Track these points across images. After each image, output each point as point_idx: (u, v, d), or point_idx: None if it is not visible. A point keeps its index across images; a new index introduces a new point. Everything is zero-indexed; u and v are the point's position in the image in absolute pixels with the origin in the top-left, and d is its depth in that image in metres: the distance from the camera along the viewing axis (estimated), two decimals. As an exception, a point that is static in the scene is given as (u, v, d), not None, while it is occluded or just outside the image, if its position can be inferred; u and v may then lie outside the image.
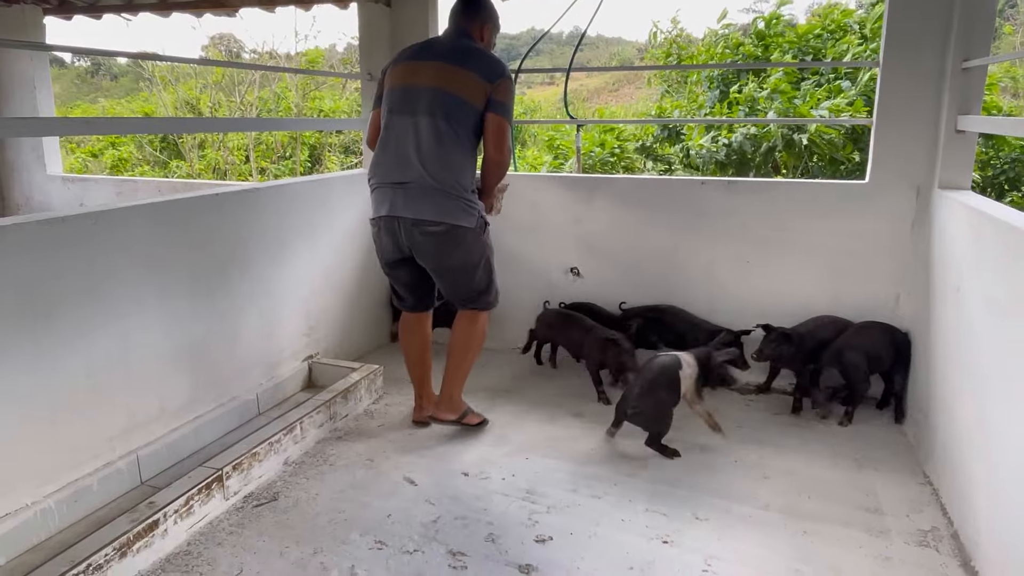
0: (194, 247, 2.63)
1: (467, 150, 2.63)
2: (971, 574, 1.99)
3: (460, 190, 2.60)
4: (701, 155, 7.13)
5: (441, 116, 2.57)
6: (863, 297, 3.14)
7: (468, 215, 2.61)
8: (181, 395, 2.62)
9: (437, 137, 2.57)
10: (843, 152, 6.54)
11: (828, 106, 6.48)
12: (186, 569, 2.01)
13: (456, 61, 2.60)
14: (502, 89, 2.60)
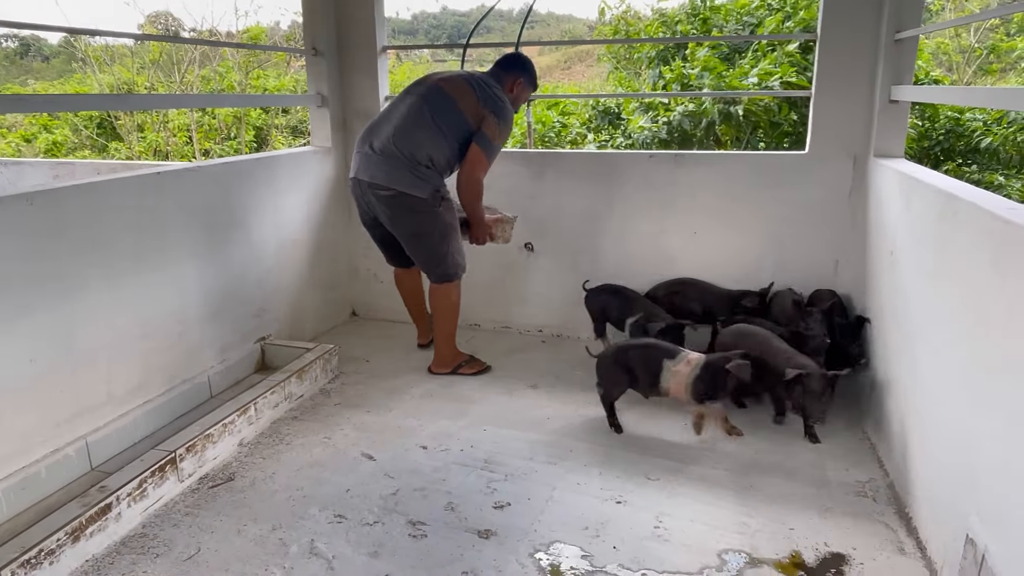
0: (137, 228, 2.57)
1: (439, 138, 2.86)
2: (905, 520, 2.12)
3: (415, 164, 2.83)
4: (642, 136, 7.21)
5: (428, 104, 2.88)
6: (805, 264, 3.25)
7: (419, 186, 2.83)
8: (130, 379, 2.57)
9: (415, 118, 2.86)
10: (781, 115, 6.70)
11: (757, 72, 6.62)
12: (142, 551, 2.00)
13: (468, 81, 2.92)
14: (491, 123, 2.87)
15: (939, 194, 2.07)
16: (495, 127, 2.88)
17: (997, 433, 1.58)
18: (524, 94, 3.12)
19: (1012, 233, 1.56)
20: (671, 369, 2.56)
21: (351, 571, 1.92)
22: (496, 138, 2.91)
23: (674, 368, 2.55)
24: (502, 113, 2.91)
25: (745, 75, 6.78)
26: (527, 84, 3.09)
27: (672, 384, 2.56)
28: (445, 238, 2.97)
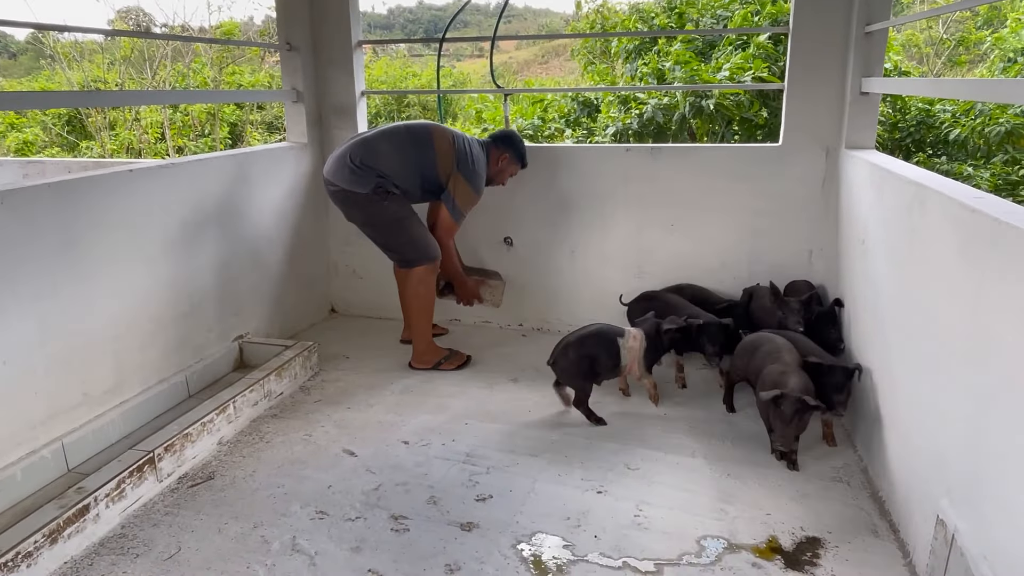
0: (109, 227, 2.53)
1: (402, 161, 3.02)
2: (878, 503, 2.16)
3: (360, 167, 2.96)
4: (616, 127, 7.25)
5: (408, 132, 3.09)
6: (780, 254, 3.30)
7: (358, 183, 2.97)
8: (105, 380, 2.54)
9: (388, 138, 3.05)
10: (751, 111, 6.77)
11: (729, 67, 6.69)
12: (121, 552, 1.98)
13: (455, 138, 3.10)
14: (460, 187, 3.06)
15: (908, 184, 2.12)
16: (464, 191, 3.08)
17: (965, 417, 1.62)
18: (509, 169, 3.28)
19: (979, 221, 1.60)
20: (625, 346, 2.72)
21: (334, 566, 1.92)
22: (464, 204, 3.11)
23: (628, 345, 2.73)
24: (472, 178, 3.09)
25: (718, 70, 6.84)
26: (513, 160, 3.26)
27: (629, 359, 2.74)
28: (399, 227, 3.06)
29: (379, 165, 2.98)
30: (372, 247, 3.42)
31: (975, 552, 1.50)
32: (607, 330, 2.76)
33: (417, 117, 12.98)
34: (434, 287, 3.20)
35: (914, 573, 1.85)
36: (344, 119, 3.76)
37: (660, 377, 3.01)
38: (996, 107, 7.29)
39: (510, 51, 23.99)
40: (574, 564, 1.91)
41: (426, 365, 3.22)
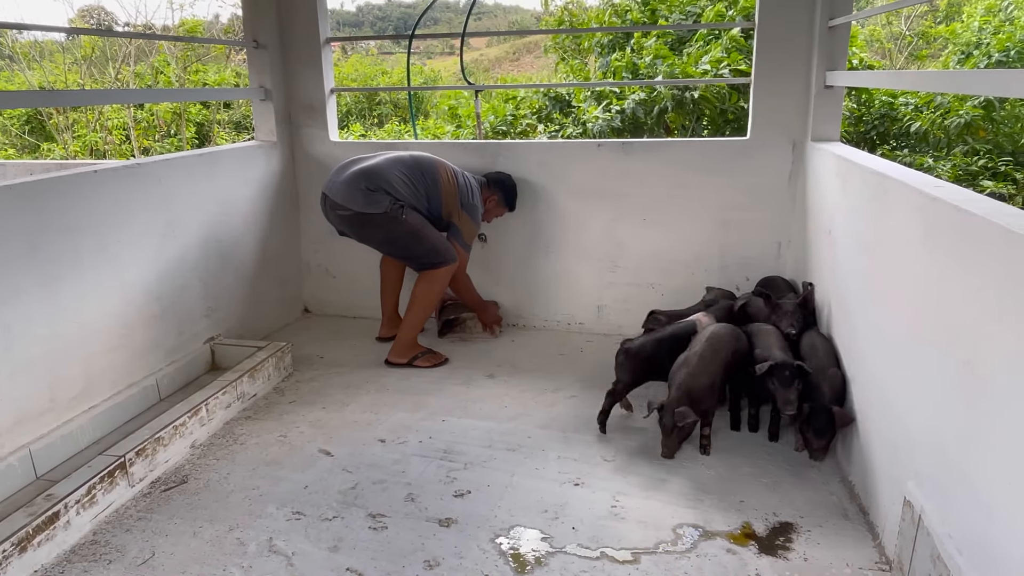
0: (74, 229, 2.48)
1: (412, 189, 3.09)
2: (848, 487, 2.21)
3: (372, 190, 2.99)
4: (597, 125, 7.28)
5: (417, 163, 3.16)
6: (749, 248, 3.35)
7: (373, 205, 2.99)
8: (73, 385, 2.49)
9: (398, 165, 3.11)
10: (730, 103, 6.87)
11: (708, 60, 6.77)
12: (93, 558, 1.95)
13: (458, 177, 3.22)
14: (465, 221, 3.19)
15: (872, 175, 2.17)
16: (468, 225, 3.22)
17: (931, 401, 1.66)
18: (496, 211, 3.43)
19: (939, 209, 1.64)
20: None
21: (311, 566, 1.91)
22: (468, 238, 3.25)
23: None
24: (473, 213, 3.23)
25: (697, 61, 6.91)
26: (502, 203, 3.41)
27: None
28: (418, 238, 3.09)
29: (389, 188, 3.02)
30: (345, 246, 3.41)
31: (941, 531, 1.55)
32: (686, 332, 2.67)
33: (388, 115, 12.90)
34: (445, 288, 3.26)
35: (883, 554, 1.89)
36: (313, 117, 3.73)
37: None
38: (955, 99, 7.48)
39: (481, 48, 23.95)
40: (552, 556, 1.93)
41: (402, 359, 3.22)
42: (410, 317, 3.21)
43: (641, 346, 2.62)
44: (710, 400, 2.37)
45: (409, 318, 3.21)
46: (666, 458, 2.33)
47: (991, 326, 1.38)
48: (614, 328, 3.58)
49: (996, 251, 1.37)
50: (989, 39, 8.13)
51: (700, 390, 2.33)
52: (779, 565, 1.87)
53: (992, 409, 1.37)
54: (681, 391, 2.32)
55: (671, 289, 3.41)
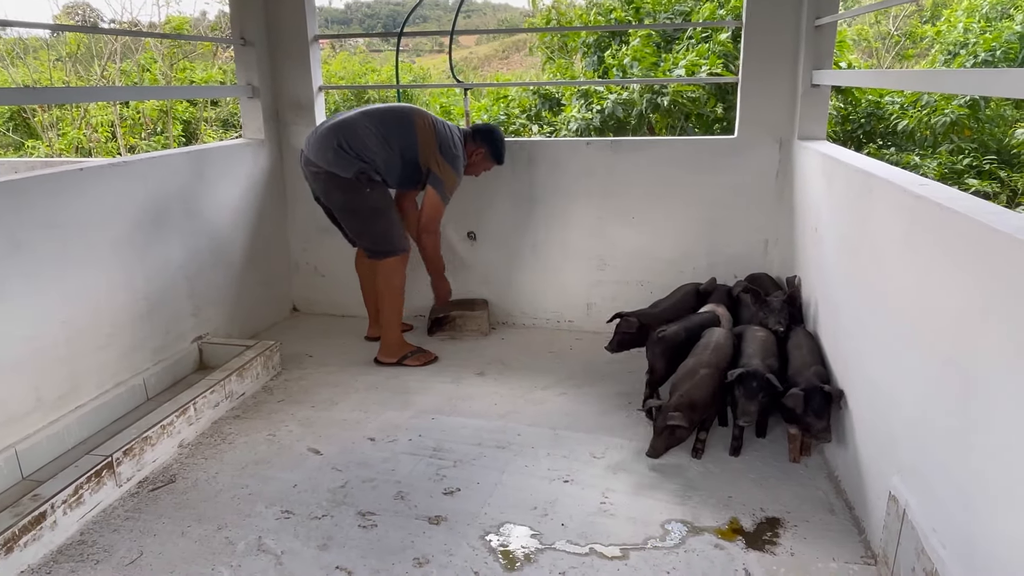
0: (60, 227, 2.46)
1: (382, 140, 3.02)
2: (834, 482, 2.24)
3: (343, 149, 2.95)
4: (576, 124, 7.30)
5: (390, 114, 3.08)
6: (737, 245, 3.37)
7: (342, 167, 2.96)
8: (59, 384, 2.47)
9: (369, 116, 3.04)
10: (708, 107, 6.89)
11: (685, 64, 6.79)
12: (80, 559, 1.94)
13: (436, 124, 3.10)
14: (444, 168, 3.06)
15: (857, 173, 2.19)
16: (449, 174, 3.09)
17: (914, 396, 1.68)
18: (483, 164, 3.29)
19: (923, 207, 1.66)
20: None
21: (301, 565, 1.91)
22: (449, 186, 3.10)
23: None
24: (454, 163, 3.10)
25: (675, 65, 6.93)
26: (489, 156, 3.25)
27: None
28: (377, 217, 3.05)
29: (362, 148, 2.96)
30: (334, 244, 3.40)
31: (925, 525, 1.57)
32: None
33: (377, 113, 12.79)
34: (403, 279, 3.18)
35: (869, 548, 1.91)
36: (302, 115, 3.71)
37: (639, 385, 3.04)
38: (941, 98, 7.54)
39: (470, 46, 23.90)
40: (542, 552, 1.94)
41: (392, 359, 3.21)
42: (385, 316, 3.21)
43: (675, 334, 2.64)
44: (708, 410, 2.38)
45: (384, 317, 3.21)
46: (651, 457, 2.34)
47: (974, 323, 1.40)
48: (603, 326, 3.57)
49: (979, 249, 1.39)
50: (976, 39, 8.21)
51: (701, 401, 2.31)
52: (766, 560, 1.89)
53: (975, 405, 1.39)
54: (683, 400, 2.29)
55: (659, 287, 3.42)
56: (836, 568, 1.84)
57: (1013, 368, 1.25)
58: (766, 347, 2.47)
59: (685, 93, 6.76)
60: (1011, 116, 8.13)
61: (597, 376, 3.06)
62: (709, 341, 2.55)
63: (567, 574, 1.85)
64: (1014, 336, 1.25)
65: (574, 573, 1.85)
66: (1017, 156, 7.63)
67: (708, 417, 2.42)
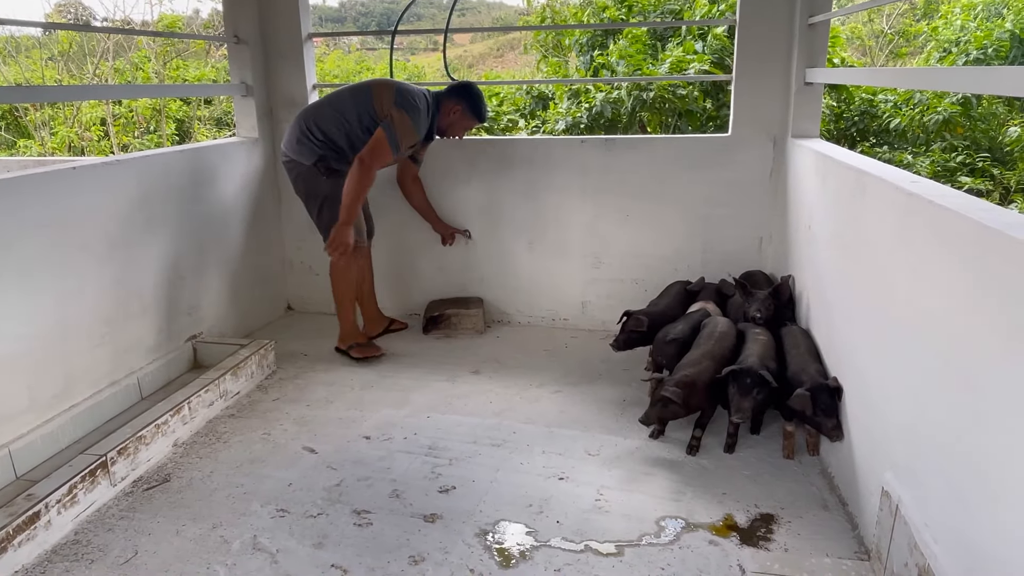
0: (53, 226, 2.45)
1: (340, 116, 3.01)
2: (828, 478, 2.25)
3: (307, 134, 3.01)
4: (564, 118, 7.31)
5: (349, 90, 3.08)
6: (731, 243, 3.38)
7: (304, 154, 3.02)
8: (53, 384, 2.46)
9: (332, 98, 3.07)
10: (697, 103, 6.90)
11: (671, 60, 6.80)
12: (75, 558, 1.93)
13: (393, 84, 3.02)
14: (397, 116, 2.92)
15: (850, 171, 2.20)
16: (404, 122, 2.91)
17: (907, 392, 1.69)
18: (463, 123, 3.13)
19: (915, 204, 1.67)
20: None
21: (296, 563, 1.91)
22: (400, 131, 2.92)
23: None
24: (411, 111, 2.93)
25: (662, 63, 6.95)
26: (467, 113, 3.10)
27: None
28: (331, 207, 3.03)
29: (325, 130, 2.98)
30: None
31: (918, 521, 1.58)
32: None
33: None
34: (351, 272, 3.19)
35: (862, 543, 1.92)
36: (296, 113, 3.68)
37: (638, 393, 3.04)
38: (934, 96, 7.58)
39: (465, 44, 23.87)
40: (537, 550, 1.94)
41: (343, 344, 3.28)
42: (336, 304, 3.25)
43: (682, 332, 2.67)
44: (705, 399, 2.38)
45: (336, 305, 3.26)
46: (642, 423, 2.37)
47: (965, 319, 1.41)
48: (598, 324, 3.60)
49: (971, 245, 1.40)
50: (969, 36, 8.25)
51: (700, 385, 2.33)
52: (760, 556, 1.89)
53: (966, 400, 1.40)
54: (685, 379, 2.32)
55: (654, 285, 3.43)
56: (830, 563, 1.85)
57: (1005, 364, 1.26)
58: (766, 349, 2.48)
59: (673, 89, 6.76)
60: (1003, 114, 8.18)
61: (592, 374, 3.07)
62: (713, 331, 2.58)
63: (562, 571, 1.86)
64: (1006, 332, 1.26)
65: (569, 570, 1.86)
66: (1009, 154, 7.67)
67: (705, 412, 2.43)
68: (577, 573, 1.85)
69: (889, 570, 1.70)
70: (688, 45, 6.92)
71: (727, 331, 2.59)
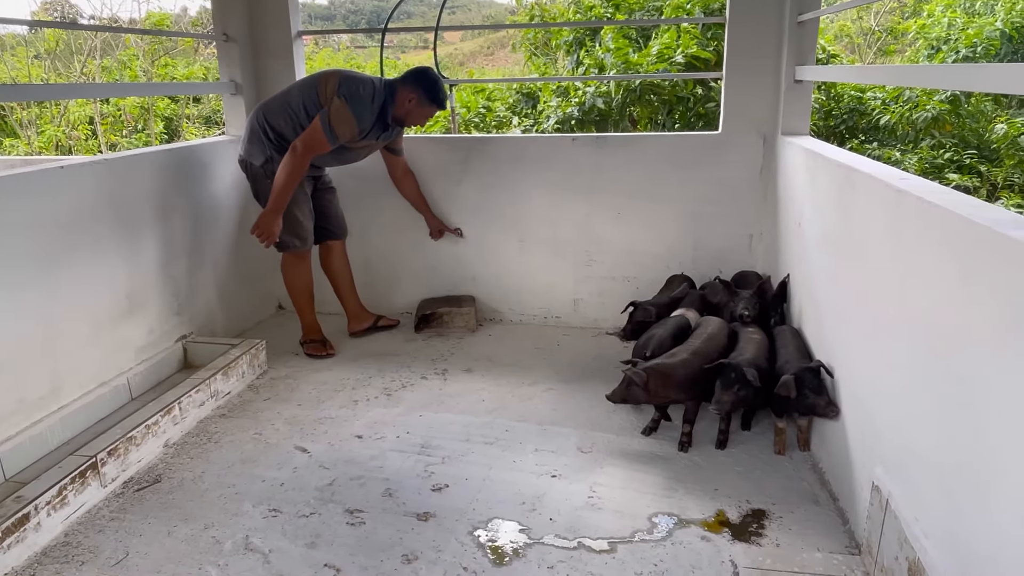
0: (40, 226, 2.43)
1: (288, 109, 2.97)
2: (818, 474, 2.26)
3: (258, 132, 3.00)
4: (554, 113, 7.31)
5: (297, 84, 3.06)
6: (722, 240, 3.39)
7: (254, 154, 3.02)
8: (41, 385, 2.44)
9: (282, 93, 3.05)
10: (687, 90, 6.92)
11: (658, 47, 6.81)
12: (66, 560, 1.92)
13: (340, 73, 3.02)
14: (336, 104, 2.86)
15: (840, 168, 2.21)
16: (339, 110, 2.83)
17: (895, 388, 1.70)
18: (420, 111, 3.01)
19: (904, 201, 1.68)
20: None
21: (289, 563, 1.90)
22: (336, 120, 2.84)
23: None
24: (351, 101, 2.86)
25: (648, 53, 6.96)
26: (423, 101, 2.97)
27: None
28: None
29: (270, 117, 2.97)
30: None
31: (907, 515, 1.59)
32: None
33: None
34: (303, 272, 3.26)
35: (853, 538, 1.94)
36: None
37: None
38: (923, 94, 7.62)
39: (455, 42, 23.84)
40: (530, 547, 1.94)
41: (302, 338, 3.36)
42: (292, 302, 3.34)
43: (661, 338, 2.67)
44: (683, 392, 2.40)
45: (292, 303, 3.34)
46: (608, 399, 2.38)
47: (953, 314, 1.42)
48: (590, 322, 3.61)
49: (959, 241, 1.41)
50: (958, 35, 8.30)
51: (674, 377, 2.34)
52: (752, 551, 1.90)
53: (954, 395, 1.41)
54: (655, 368, 2.34)
55: (646, 282, 3.44)
56: (821, 558, 1.87)
57: (994, 359, 1.27)
58: (759, 348, 2.48)
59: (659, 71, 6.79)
60: (991, 111, 8.24)
61: (584, 371, 3.07)
62: (704, 331, 2.59)
63: (555, 568, 1.86)
64: (994, 327, 1.27)
65: (562, 567, 1.86)
66: (996, 151, 7.73)
67: (688, 407, 2.44)
68: (570, 570, 1.85)
69: (879, 564, 1.71)
70: (672, 33, 6.93)
71: (716, 332, 2.59)
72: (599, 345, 3.37)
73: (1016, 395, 1.20)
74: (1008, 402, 1.22)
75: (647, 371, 2.32)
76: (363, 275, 3.73)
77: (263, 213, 2.97)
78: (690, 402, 2.44)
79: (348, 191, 3.63)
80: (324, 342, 3.34)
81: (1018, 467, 1.19)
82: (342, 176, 3.58)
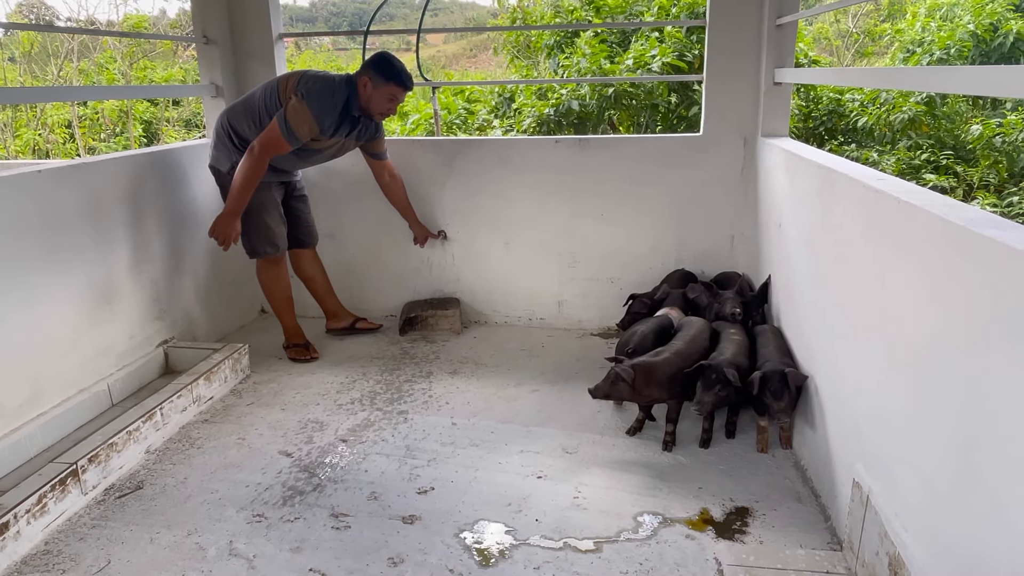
0: (17, 231, 2.40)
1: (251, 112, 2.96)
2: (801, 471, 2.29)
3: (223, 136, 3.00)
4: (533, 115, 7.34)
5: (261, 87, 3.01)
6: (704, 241, 3.42)
7: (219, 159, 3.02)
8: (20, 392, 2.41)
9: (247, 96, 3.04)
10: (661, 97, 6.97)
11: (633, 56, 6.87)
12: (46, 568, 1.89)
13: (301, 72, 2.98)
14: (293, 103, 2.82)
15: (819, 169, 2.24)
16: (296, 107, 2.79)
17: (875, 386, 1.73)
18: (380, 93, 2.90)
19: (882, 201, 1.71)
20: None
21: (274, 568, 1.89)
22: (293, 119, 2.79)
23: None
24: (310, 99, 2.81)
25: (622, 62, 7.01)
26: (378, 81, 2.88)
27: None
28: (249, 213, 2.98)
29: (233, 120, 2.97)
30: (301, 245, 3.37)
31: (887, 511, 1.61)
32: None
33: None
34: (280, 277, 3.25)
35: (834, 534, 1.96)
36: (267, 114, 3.66)
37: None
38: (899, 96, 7.73)
39: (438, 45, 23.82)
40: (516, 548, 1.95)
41: (285, 342, 3.36)
42: (275, 311, 3.36)
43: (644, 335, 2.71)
44: (665, 391, 2.41)
45: (275, 311, 3.36)
46: (591, 394, 2.38)
47: (931, 313, 1.45)
48: (575, 323, 3.62)
49: (935, 240, 1.43)
50: (932, 37, 8.43)
51: (658, 374, 2.36)
52: (736, 548, 1.92)
53: (931, 392, 1.44)
54: (641, 364, 2.36)
55: (630, 283, 3.46)
56: (803, 554, 1.89)
57: (968, 356, 1.30)
58: (739, 348, 2.51)
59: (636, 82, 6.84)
60: (966, 112, 8.38)
61: (569, 373, 3.09)
62: (688, 333, 2.61)
63: (542, 569, 1.86)
64: (969, 326, 1.30)
65: (549, 568, 1.87)
66: (972, 151, 7.86)
67: (671, 406, 2.46)
68: (556, 570, 1.86)
69: (861, 559, 1.74)
70: (652, 41, 6.98)
71: (699, 333, 2.61)
72: (584, 346, 3.38)
73: (993, 391, 1.22)
74: (985, 398, 1.25)
75: (634, 367, 2.34)
76: (347, 278, 3.72)
77: (220, 215, 2.91)
78: (673, 401, 2.46)
79: (331, 193, 3.62)
80: (307, 346, 3.32)
81: (996, 462, 1.21)
82: (325, 178, 3.57)
